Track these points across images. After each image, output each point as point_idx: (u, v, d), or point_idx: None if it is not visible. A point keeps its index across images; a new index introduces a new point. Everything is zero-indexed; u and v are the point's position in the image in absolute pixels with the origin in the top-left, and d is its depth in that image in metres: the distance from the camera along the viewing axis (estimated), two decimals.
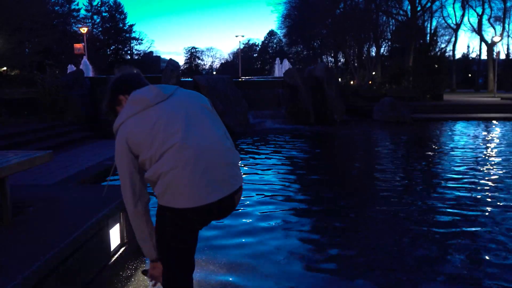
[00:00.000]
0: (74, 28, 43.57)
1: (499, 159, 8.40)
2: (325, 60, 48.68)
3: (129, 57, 56.76)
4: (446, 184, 6.33)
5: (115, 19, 54.05)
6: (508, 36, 44.40)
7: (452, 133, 12.96)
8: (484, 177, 6.77)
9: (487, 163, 8.01)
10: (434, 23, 40.02)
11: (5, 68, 21.78)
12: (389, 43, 40.55)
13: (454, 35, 43.56)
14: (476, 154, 9.03)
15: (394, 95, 19.71)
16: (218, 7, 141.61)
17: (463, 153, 9.11)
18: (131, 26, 55.96)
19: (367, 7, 34.54)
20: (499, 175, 6.84)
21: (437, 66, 22.55)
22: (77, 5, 47.81)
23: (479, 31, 42.00)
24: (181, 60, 70.65)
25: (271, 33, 64.79)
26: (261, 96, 16.23)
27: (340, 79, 24.78)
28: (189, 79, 15.92)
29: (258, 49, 67.18)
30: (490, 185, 6.21)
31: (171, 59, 14.82)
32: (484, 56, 44.38)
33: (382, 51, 38.78)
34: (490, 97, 26.60)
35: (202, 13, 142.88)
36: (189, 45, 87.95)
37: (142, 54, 59.29)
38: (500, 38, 41.28)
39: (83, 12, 50.56)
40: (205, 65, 68.53)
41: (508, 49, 46.33)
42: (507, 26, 43.33)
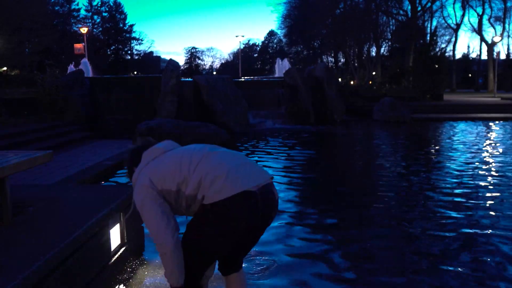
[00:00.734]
0: (74, 28, 43.66)
1: (499, 159, 8.40)
2: (325, 60, 48.71)
3: (129, 57, 56.81)
4: (446, 184, 6.32)
5: (115, 19, 54.09)
6: (508, 36, 44.42)
7: (452, 133, 12.95)
8: (484, 177, 6.76)
9: (487, 163, 8.00)
10: (434, 23, 40.02)
11: (5, 68, 21.79)
12: (389, 43, 40.54)
13: (454, 35, 43.64)
14: (476, 154, 9.02)
15: (394, 95, 19.72)
16: (218, 7, 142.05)
17: (463, 153, 9.10)
18: (131, 26, 56.08)
19: (367, 7, 34.53)
20: (499, 175, 6.83)
21: (437, 66, 22.55)
22: (77, 5, 47.99)
23: (479, 31, 42.02)
24: (181, 60, 70.73)
25: (271, 33, 64.86)
26: (261, 96, 16.23)
27: (340, 79, 24.82)
28: (189, 79, 15.89)
29: (258, 49, 67.23)
30: (490, 185, 6.20)
31: (171, 59, 14.79)
32: (484, 56, 44.45)
33: (382, 51, 38.81)
34: (490, 97, 26.59)
35: (202, 13, 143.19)
36: (189, 45, 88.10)
37: (142, 54, 59.37)
38: (500, 38, 41.29)
39: (83, 12, 50.73)
40: (205, 65, 68.56)
41: (508, 49, 46.34)
42: (507, 26, 43.37)
